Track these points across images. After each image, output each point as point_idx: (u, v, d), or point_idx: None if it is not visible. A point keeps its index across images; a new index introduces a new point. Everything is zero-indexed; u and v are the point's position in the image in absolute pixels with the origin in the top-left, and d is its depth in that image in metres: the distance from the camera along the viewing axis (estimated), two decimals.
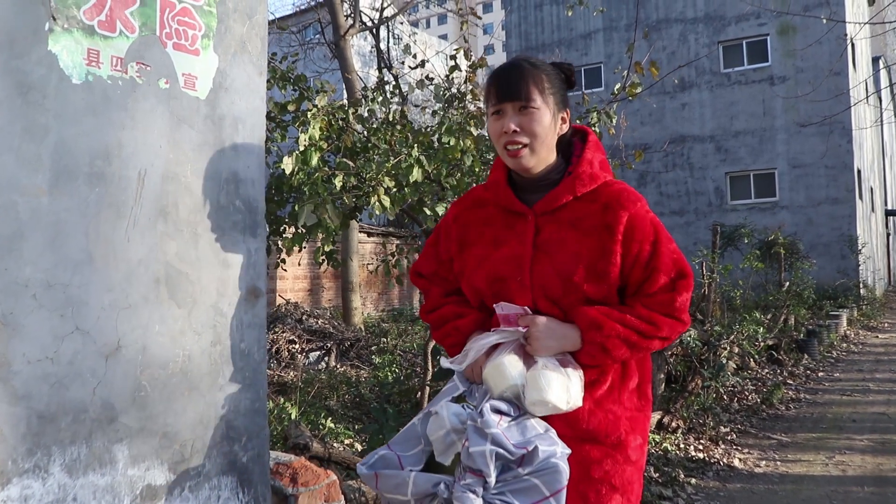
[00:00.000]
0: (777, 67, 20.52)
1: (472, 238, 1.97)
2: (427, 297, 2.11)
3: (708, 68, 21.34)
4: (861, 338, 14.71)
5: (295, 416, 5.36)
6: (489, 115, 1.92)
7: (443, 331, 2.00)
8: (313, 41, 21.35)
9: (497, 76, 1.91)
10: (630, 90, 4.51)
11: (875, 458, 6.05)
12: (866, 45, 26.62)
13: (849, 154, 19.63)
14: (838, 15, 18.74)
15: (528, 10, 24.28)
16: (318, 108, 3.72)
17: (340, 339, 11.00)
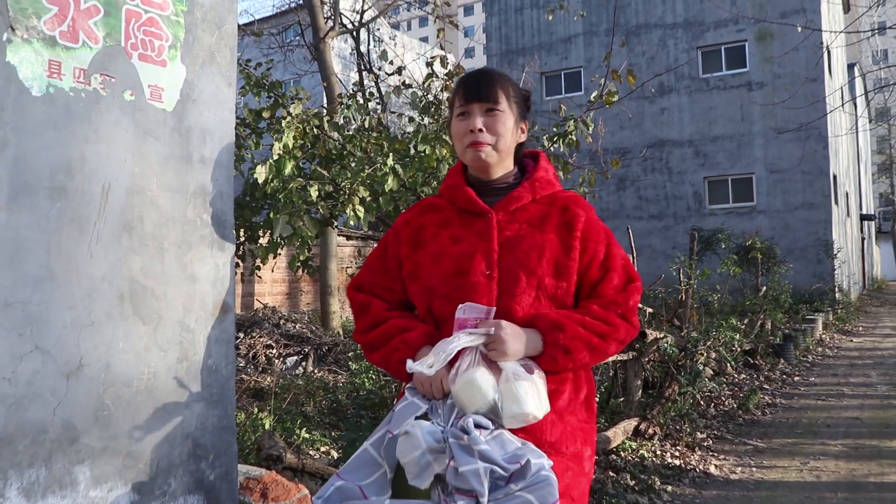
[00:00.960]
0: (755, 73, 20.70)
1: (426, 238, 1.96)
2: (365, 313, 1.98)
3: (687, 73, 21.47)
4: (836, 341, 14.85)
5: (269, 426, 5.30)
6: (454, 117, 1.96)
7: (388, 347, 1.88)
8: (293, 43, 21.24)
9: (466, 79, 1.96)
10: (607, 98, 4.51)
11: (848, 463, 6.09)
12: (842, 53, 26.91)
13: (825, 160, 19.83)
14: (814, 22, 18.91)
15: (509, 14, 24.31)
16: (293, 116, 3.68)
17: (318, 344, 10.94)
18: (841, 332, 16.58)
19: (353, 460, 1.71)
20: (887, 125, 26.15)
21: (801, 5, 19.83)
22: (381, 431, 1.74)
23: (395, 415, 1.74)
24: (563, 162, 4.33)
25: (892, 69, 17.70)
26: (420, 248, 1.95)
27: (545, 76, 23.57)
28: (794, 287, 16.86)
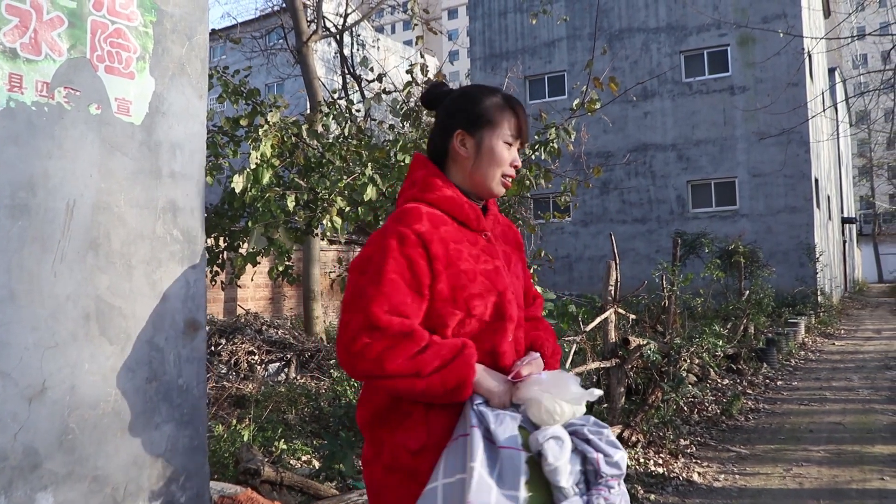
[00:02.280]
0: (737, 77, 20.80)
1: (453, 254, 1.81)
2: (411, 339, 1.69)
3: (670, 77, 21.55)
4: (818, 345, 14.91)
5: (248, 438, 5.23)
6: (500, 140, 1.88)
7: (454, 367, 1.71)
8: (276, 47, 21.15)
9: (520, 108, 1.93)
10: (589, 106, 4.49)
11: (831, 469, 6.10)
12: (823, 58, 27.11)
13: (807, 164, 19.94)
14: (795, 27, 19.03)
15: (493, 18, 24.32)
16: (270, 125, 3.62)
17: (301, 350, 10.86)
18: (823, 335, 16.67)
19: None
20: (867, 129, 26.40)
21: (783, 10, 19.96)
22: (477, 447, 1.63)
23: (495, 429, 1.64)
24: (545, 170, 4.31)
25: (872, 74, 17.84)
26: (453, 266, 1.80)
27: (529, 80, 23.59)
28: (776, 290, 16.93)
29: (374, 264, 1.72)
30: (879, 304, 28.45)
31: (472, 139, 1.87)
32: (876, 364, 12.08)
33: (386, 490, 1.73)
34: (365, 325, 1.65)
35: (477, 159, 1.87)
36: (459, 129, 1.88)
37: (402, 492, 1.70)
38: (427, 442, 1.71)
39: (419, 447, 1.71)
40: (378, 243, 1.76)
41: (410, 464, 1.71)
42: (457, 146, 1.88)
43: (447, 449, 1.67)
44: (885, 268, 51.35)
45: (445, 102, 1.95)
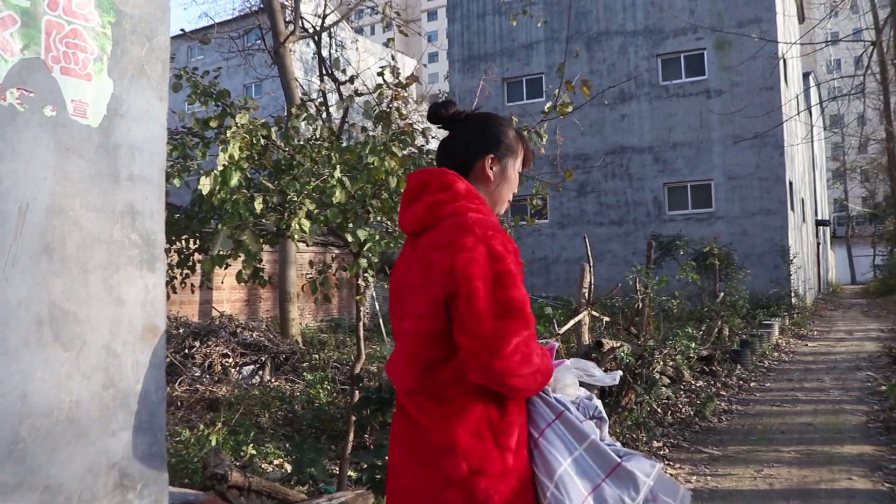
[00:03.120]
0: (713, 81, 20.97)
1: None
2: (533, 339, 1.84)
3: (647, 80, 21.67)
4: (792, 346, 15.06)
5: (215, 443, 5.18)
6: (515, 168, 2.07)
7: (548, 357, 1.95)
8: (253, 47, 21.02)
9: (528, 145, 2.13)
10: (561, 109, 4.49)
11: (801, 470, 6.15)
12: (797, 62, 27.40)
13: (781, 167, 20.14)
14: (770, 32, 19.21)
15: (471, 20, 24.34)
16: (238, 126, 3.59)
17: (275, 353, 10.80)
18: (797, 336, 16.83)
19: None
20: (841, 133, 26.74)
21: (758, 15, 20.15)
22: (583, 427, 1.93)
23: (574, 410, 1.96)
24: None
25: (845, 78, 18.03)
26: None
27: (507, 82, 23.63)
28: (751, 292, 17.08)
29: (504, 270, 1.78)
30: (852, 305, 28.80)
31: (500, 164, 2.01)
32: (847, 365, 12.22)
33: (496, 497, 1.77)
34: (518, 329, 1.75)
35: (500, 183, 2.03)
36: (492, 153, 2.00)
37: (514, 496, 1.79)
38: (519, 437, 1.84)
39: (516, 445, 1.82)
40: (490, 251, 1.79)
41: (513, 464, 1.80)
42: (486, 168, 1.99)
43: (544, 439, 1.85)
44: (858, 269, 52.02)
45: (473, 125, 2.05)
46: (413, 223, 1.95)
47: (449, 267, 1.78)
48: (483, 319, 1.73)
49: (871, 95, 26.81)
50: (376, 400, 3.33)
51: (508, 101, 23.30)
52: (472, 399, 1.81)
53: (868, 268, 46.91)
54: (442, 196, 1.91)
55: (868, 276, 47.04)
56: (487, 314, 1.74)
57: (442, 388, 1.82)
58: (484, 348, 1.73)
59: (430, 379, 1.83)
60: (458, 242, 1.80)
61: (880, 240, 42.78)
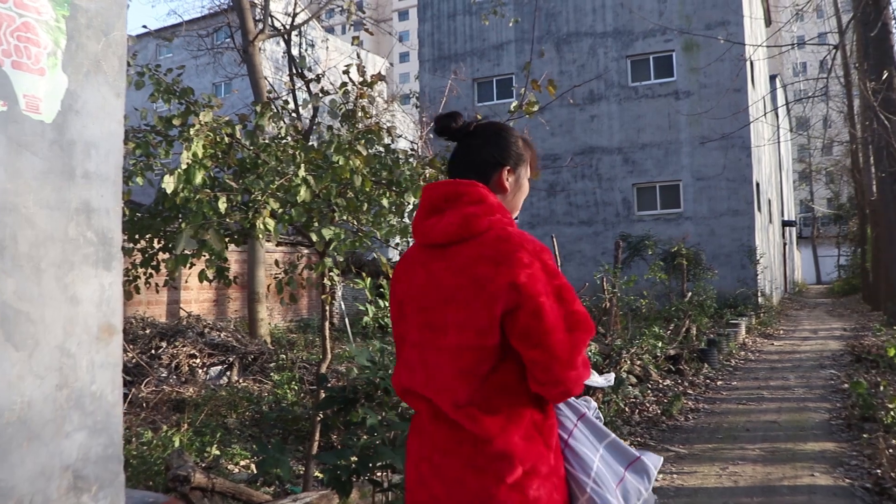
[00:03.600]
0: (682, 82, 21.16)
1: None
2: None
3: (616, 82, 21.82)
4: (758, 345, 15.25)
5: (178, 444, 5.12)
6: (527, 177, 2.12)
7: None
8: (222, 46, 20.83)
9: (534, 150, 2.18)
10: (527, 108, 4.50)
11: (765, 467, 6.23)
12: (764, 65, 27.75)
13: (748, 168, 20.38)
14: (737, 35, 19.43)
15: (442, 20, 24.33)
16: (202, 124, 3.55)
17: (243, 353, 10.72)
18: (763, 335, 17.05)
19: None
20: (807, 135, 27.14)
21: (726, 18, 20.37)
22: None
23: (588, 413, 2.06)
24: None
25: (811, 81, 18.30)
26: None
27: (477, 83, 23.66)
28: (718, 292, 17.26)
29: (564, 284, 1.86)
30: (817, 304, 29.25)
31: (514, 174, 2.06)
32: (812, 363, 12.40)
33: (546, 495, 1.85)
34: (586, 339, 1.85)
35: (516, 192, 2.09)
36: (508, 165, 2.04)
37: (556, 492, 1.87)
38: (556, 438, 1.93)
39: (556, 445, 1.92)
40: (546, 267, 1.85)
41: (555, 463, 1.89)
42: (504, 180, 2.03)
43: (573, 438, 1.96)
44: (823, 269, 52.84)
45: (485, 137, 2.07)
46: (441, 235, 1.93)
47: (509, 283, 1.80)
48: (555, 333, 1.79)
49: (835, 98, 27.27)
50: (340, 399, 3.31)
51: (478, 101, 23.33)
52: (520, 406, 1.86)
53: (833, 268, 47.62)
54: (477, 209, 1.92)
55: (833, 276, 47.74)
56: (559, 328, 1.79)
57: (492, 398, 1.85)
58: (558, 361, 1.79)
59: (482, 390, 1.85)
60: (514, 258, 1.82)
61: (844, 240, 43.46)
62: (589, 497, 1.88)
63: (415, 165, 4.02)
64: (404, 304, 2.03)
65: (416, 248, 2.06)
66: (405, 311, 2.02)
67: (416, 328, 1.98)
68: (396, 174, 3.86)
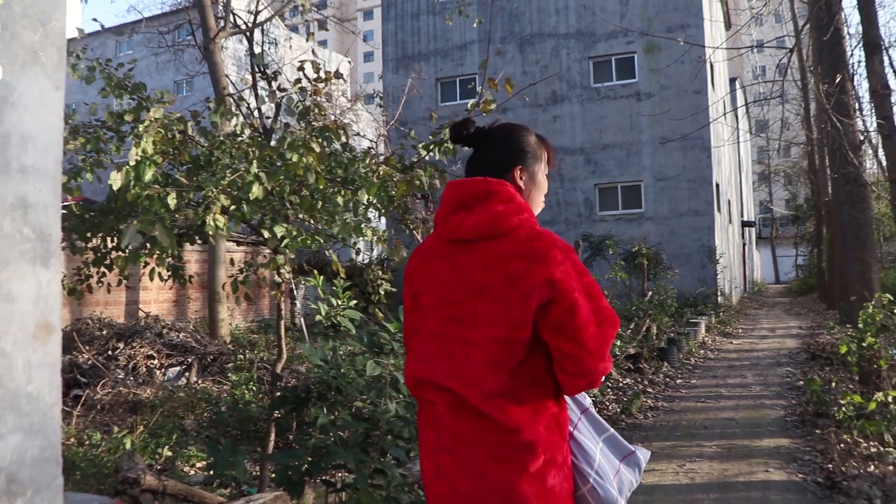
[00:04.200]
0: (643, 84, 21.36)
1: None
2: None
3: (579, 83, 21.96)
4: (717, 344, 15.45)
5: (130, 445, 5.03)
6: (543, 172, 2.20)
7: None
8: (183, 43, 20.57)
9: (550, 145, 2.26)
10: (484, 106, 4.50)
11: (721, 464, 6.31)
12: (724, 67, 28.13)
13: (708, 169, 20.64)
14: (697, 37, 19.67)
15: (405, 20, 24.28)
16: (153, 120, 3.48)
17: (202, 354, 10.58)
18: (722, 334, 17.28)
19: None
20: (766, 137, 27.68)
21: (686, 21, 20.61)
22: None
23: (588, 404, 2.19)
24: (441, 170, 4.29)
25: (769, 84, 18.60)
26: None
27: (440, 82, 23.66)
28: (679, 291, 17.46)
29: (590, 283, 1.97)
30: (775, 304, 29.73)
31: (527, 173, 2.14)
32: (769, 361, 12.60)
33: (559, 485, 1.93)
34: (614, 334, 1.96)
35: (531, 190, 2.16)
36: (519, 165, 2.12)
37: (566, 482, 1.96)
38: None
39: (567, 436, 2.02)
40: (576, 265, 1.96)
41: (568, 455, 1.99)
42: (517, 179, 2.11)
43: (578, 431, 2.06)
44: (782, 269, 53.72)
45: (497, 140, 2.16)
46: (471, 231, 2.00)
47: (545, 279, 1.89)
48: (588, 328, 1.90)
49: (793, 102, 27.76)
50: (293, 399, 3.27)
51: (442, 101, 23.33)
52: (544, 397, 1.96)
53: (791, 268, 48.42)
54: (507, 207, 2.00)
55: (791, 276, 48.56)
56: (591, 322, 1.90)
57: (519, 389, 1.92)
58: (590, 354, 1.91)
59: (511, 383, 1.92)
60: (548, 255, 1.92)
61: (802, 241, 44.24)
62: (591, 487, 1.97)
63: (368, 163, 4.00)
64: (420, 296, 2.09)
65: (433, 242, 2.11)
66: (421, 303, 2.08)
67: (437, 321, 2.04)
68: (351, 172, 3.84)
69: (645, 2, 21.30)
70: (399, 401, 3.21)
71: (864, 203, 9.92)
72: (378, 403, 3.16)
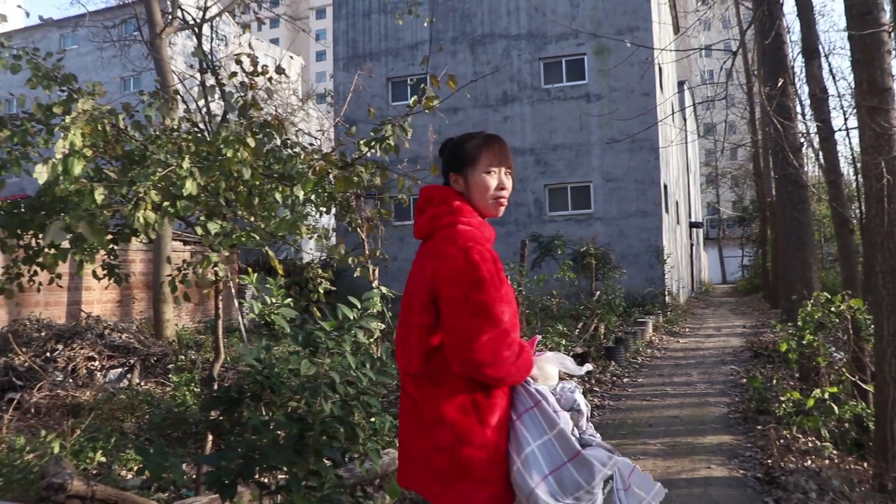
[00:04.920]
0: (593, 85, 21.53)
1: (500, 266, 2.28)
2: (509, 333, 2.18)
3: (529, 84, 22.05)
4: (664, 343, 15.65)
5: (58, 450, 4.88)
6: (480, 171, 2.35)
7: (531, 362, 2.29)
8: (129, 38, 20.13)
9: (494, 143, 2.40)
10: (426, 103, 4.47)
11: (665, 461, 6.37)
12: (673, 71, 28.57)
13: (656, 170, 20.90)
14: (645, 40, 19.93)
15: (357, 19, 24.12)
16: (80, 112, 3.36)
17: (146, 355, 10.36)
18: (669, 333, 17.52)
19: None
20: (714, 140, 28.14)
21: (635, 24, 20.85)
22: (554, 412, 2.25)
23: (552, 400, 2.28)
24: (383, 168, 4.24)
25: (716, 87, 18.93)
26: (504, 280, 2.25)
27: (391, 82, 23.56)
28: (627, 291, 17.63)
29: (478, 276, 2.14)
30: (722, 303, 30.28)
31: (462, 177, 2.37)
32: (714, 360, 12.80)
33: (477, 464, 2.13)
34: (486, 327, 2.11)
35: (469, 192, 2.36)
36: (453, 172, 2.39)
37: (491, 464, 2.14)
38: (499, 419, 2.19)
39: (496, 425, 2.18)
40: (467, 260, 2.17)
41: (492, 439, 2.16)
42: (454, 184, 2.39)
43: (520, 422, 2.20)
44: (728, 269, 54.74)
45: (444, 153, 2.45)
46: (419, 231, 2.37)
47: (435, 272, 2.19)
48: (458, 318, 2.13)
49: (739, 105, 28.32)
50: (226, 400, 3.19)
51: (393, 100, 23.23)
52: (461, 383, 2.17)
53: (737, 268, 49.28)
54: (440, 209, 2.32)
55: (737, 276, 49.49)
56: (462, 314, 2.13)
57: (438, 372, 2.19)
58: (459, 343, 2.12)
59: (429, 364, 2.21)
60: (443, 251, 2.20)
61: (747, 241, 45.08)
62: (515, 472, 2.14)
63: (304, 158, 3.93)
64: (405, 288, 2.43)
65: None
66: (405, 294, 2.41)
67: (402, 309, 2.38)
68: (288, 168, 3.77)
69: (595, 4, 21.49)
70: (335, 401, 3.15)
71: (804, 204, 10.13)
72: (312, 404, 3.09)
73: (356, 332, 3.24)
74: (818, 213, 24.75)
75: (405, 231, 20.59)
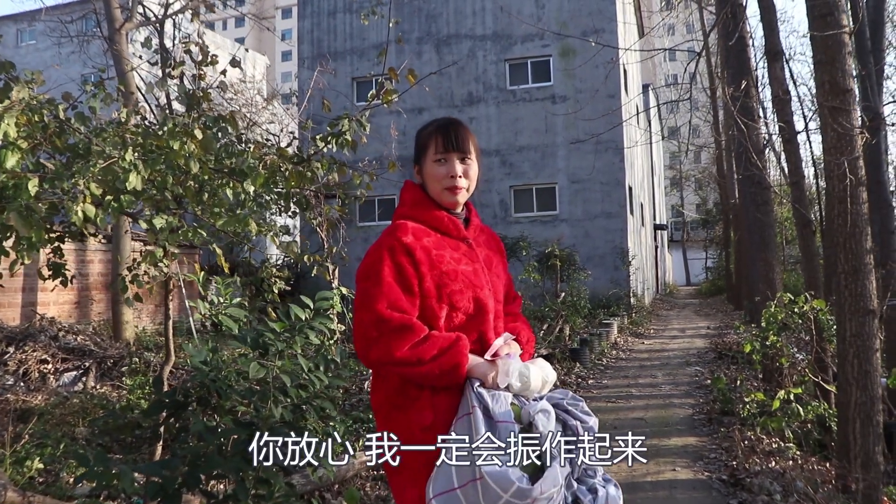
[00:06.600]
0: (559, 87, 21.55)
1: (437, 259, 2.24)
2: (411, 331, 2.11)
3: (495, 84, 22.00)
4: (629, 344, 15.66)
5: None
6: (431, 160, 2.32)
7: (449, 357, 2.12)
8: (88, 34, 19.70)
9: (444, 129, 2.34)
10: (385, 97, 4.34)
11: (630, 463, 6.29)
12: (637, 72, 28.73)
13: (621, 171, 20.96)
14: (610, 42, 19.98)
15: (322, 17, 23.90)
16: (14, 101, 3.18)
17: (102, 357, 10.08)
18: (634, 335, 17.54)
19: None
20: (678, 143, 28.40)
21: (601, 26, 20.89)
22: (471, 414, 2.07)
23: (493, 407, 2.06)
24: (340, 164, 4.11)
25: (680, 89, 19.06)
26: (436, 268, 2.22)
27: (356, 81, 23.38)
28: (592, 293, 17.64)
29: (374, 271, 2.16)
30: (686, 305, 30.52)
31: (419, 167, 2.38)
32: (679, 361, 12.81)
33: (404, 461, 2.09)
34: (373, 321, 2.10)
35: (427, 181, 2.35)
36: (415, 164, 2.40)
37: (416, 464, 2.08)
38: (434, 420, 2.11)
39: (428, 425, 2.11)
40: (375, 254, 2.20)
41: (421, 439, 2.09)
42: (415, 177, 2.41)
43: (453, 427, 2.09)
44: (692, 271, 55.30)
45: None
46: None
47: None
48: (355, 312, 2.17)
49: (703, 109, 28.58)
50: (171, 404, 3.03)
51: (358, 100, 23.04)
52: (395, 377, 2.17)
53: (701, 270, 49.77)
54: (397, 207, 2.38)
55: (701, 278, 49.96)
56: (359, 308, 2.16)
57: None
58: (356, 339, 2.16)
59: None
60: (370, 248, 2.24)
61: (711, 244, 45.55)
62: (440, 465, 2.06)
63: (254, 151, 3.78)
64: None
65: None
66: None
67: None
68: (239, 162, 3.62)
69: (560, 6, 21.51)
70: (286, 405, 3.00)
71: (767, 205, 10.19)
72: (262, 408, 2.94)
73: (308, 333, 3.10)
74: (779, 216, 25.04)
75: (370, 232, 20.45)
